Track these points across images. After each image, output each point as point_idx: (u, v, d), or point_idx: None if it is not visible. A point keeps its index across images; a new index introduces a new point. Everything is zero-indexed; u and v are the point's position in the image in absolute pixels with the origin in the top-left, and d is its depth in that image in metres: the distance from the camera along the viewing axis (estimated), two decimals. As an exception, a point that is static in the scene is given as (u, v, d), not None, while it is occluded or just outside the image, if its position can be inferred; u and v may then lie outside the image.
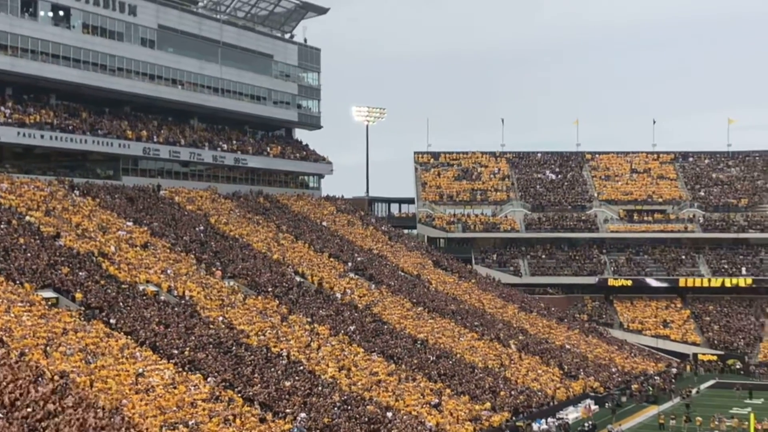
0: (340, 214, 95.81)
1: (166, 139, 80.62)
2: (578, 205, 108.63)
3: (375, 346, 62.12)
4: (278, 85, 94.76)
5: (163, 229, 67.84)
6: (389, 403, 52.75)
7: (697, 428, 59.18)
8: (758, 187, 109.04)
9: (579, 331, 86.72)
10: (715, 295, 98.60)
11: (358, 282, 76.34)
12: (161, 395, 43.51)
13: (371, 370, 57.53)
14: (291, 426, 45.08)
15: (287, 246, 77.93)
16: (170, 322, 52.79)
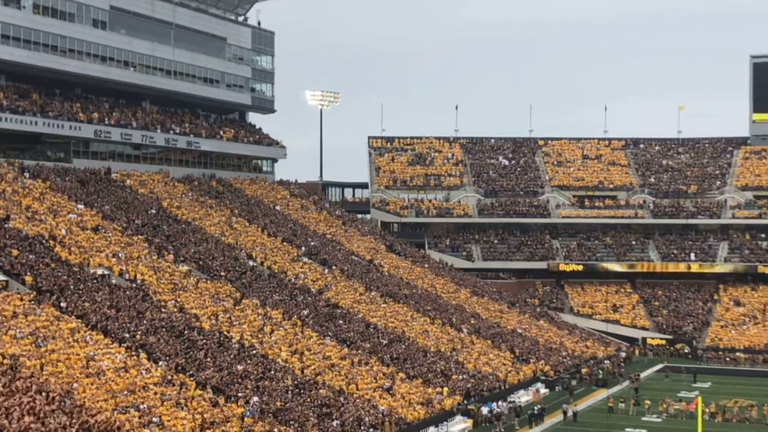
0: (293, 198, 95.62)
1: (118, 122, 79.86)
2: (531, 191, 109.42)
3: (328, 331, 62.23)
4: (231, 68, 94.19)
5: (115, 213, 67.27)
6: (342, 387, 52.93)
7: (645, 411, 60.07)
8: (707, 173, 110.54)
9: (530, 316, 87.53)
10: (664, 280, 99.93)
11: (312, 266, 76.32)
12: (112, 379, 43.29)
13: (324, 354, 57.65)
14: (243, 410, 45.08)
15: (240, 230, 77.65)
16: (121, 306, 52.44)
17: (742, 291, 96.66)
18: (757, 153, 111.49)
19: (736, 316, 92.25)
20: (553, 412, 60.00)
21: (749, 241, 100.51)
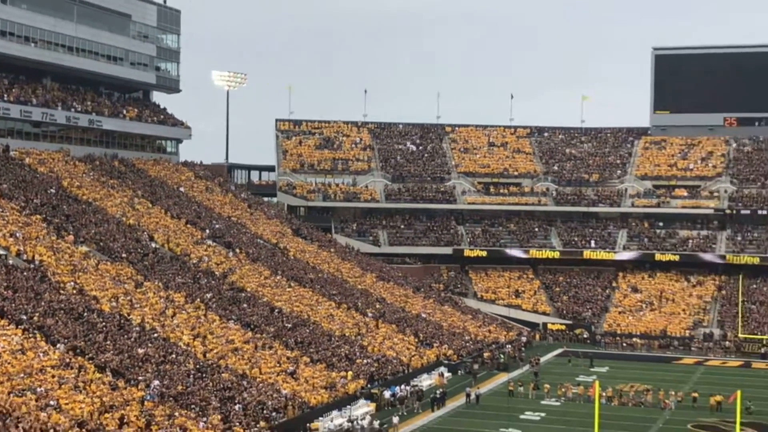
0: (198, 180, 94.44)
1: (17, 98, 77.72)
2: (437, 177, 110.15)
3: (232, 314, 61.77)
4: (136, 46, 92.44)
5: (13, 191, 65.53)
6: (245, 371, 52.64)
7: (544, 395, 61.12)
8: (609, 162, 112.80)
9: (435, 301, 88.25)
10: (565, 267, 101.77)
11: (216, 249, 75.58)
12: (8, 361, 42.28)
13: (227, 337, 57.21)
14: (144, 393, 44.47)
15: (143, 211, 76.40)
16: (19, 287, 51.20)
17: (640, 278, 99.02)
18: (657, 143, 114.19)
19: (634, 303, 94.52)
20: (456, 395, 60.67)
21: (647, 229, 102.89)
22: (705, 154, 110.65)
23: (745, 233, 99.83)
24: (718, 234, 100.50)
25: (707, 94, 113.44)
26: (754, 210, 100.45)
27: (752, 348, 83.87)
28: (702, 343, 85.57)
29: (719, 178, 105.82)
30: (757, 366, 78.05)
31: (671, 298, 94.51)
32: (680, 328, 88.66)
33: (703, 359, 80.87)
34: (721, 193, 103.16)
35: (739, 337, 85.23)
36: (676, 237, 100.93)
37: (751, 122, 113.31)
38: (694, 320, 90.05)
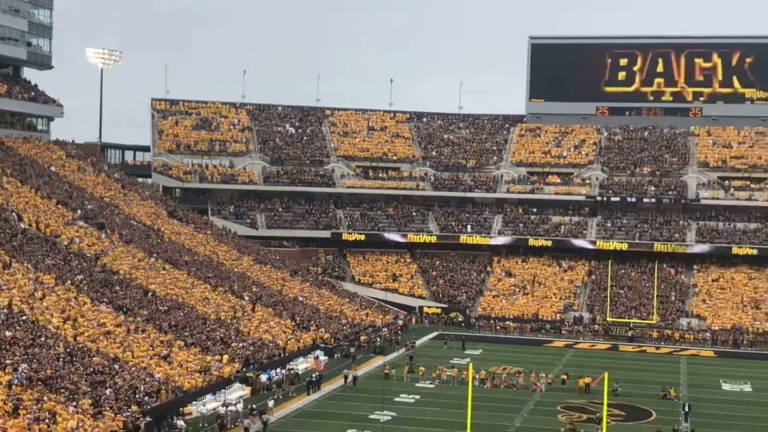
0: (70, 159, 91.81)
1: None
2: (316, 160, 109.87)
3: (104, 297, 60.34)
4: (6, 21, 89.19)
5: None
6: (117, 355, 51.54)
7: (419, 378, 61.77)
8: (485, 149, 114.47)
9: (312, 284, 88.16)
10: (441, 251, 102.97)
11: (88, 230, 73.67)
12: None
13: (99, 321, 55.87)
14: (11, 377, 43.08)
15: (11, 191, 73.84)
16: None
17: (514, 262, 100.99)
18: (532, 131, 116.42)
19: (507, 287, 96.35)
20: (332, 379, 60.79)
21: (522, 214, 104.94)
22: (578, 142, 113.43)
23: (614, 220, 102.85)
24: (589, 220, 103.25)
25: (581, 83, 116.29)
26: (623, 197, 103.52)
27: (620, 331, 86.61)
28: (572, 327, 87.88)
29: (591, 165, 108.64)
30: (624, 349, 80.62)
31: (543, 282, 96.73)
32: (551, 312, 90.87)
33: (573, 342, 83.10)
34: (593, 181, 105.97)
35: (608, 320, 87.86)
36: (549, 223, 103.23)
37: (622, 112, 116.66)
38: (564, 304, 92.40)
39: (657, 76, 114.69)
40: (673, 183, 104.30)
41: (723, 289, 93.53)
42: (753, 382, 65.58)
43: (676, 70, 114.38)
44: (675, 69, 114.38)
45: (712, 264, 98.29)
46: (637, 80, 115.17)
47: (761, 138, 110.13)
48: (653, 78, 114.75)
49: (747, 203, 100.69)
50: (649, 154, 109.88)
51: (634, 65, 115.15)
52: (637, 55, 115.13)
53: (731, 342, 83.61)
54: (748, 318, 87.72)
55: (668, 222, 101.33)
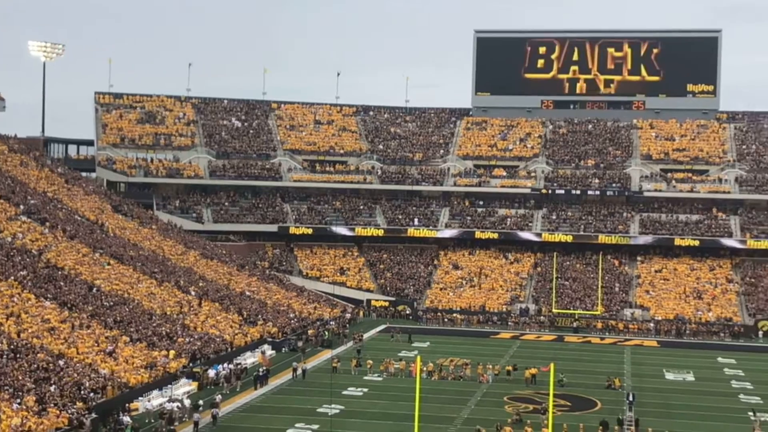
0: (12, 154, 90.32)
1: None
2: (263, 154, 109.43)
3: (47, 293, 59.56)
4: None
5: None
6: (61, 351, 50.94)
7: (367, 371, 61.89)
8: (432, 142, 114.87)
9: (259, 278, 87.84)
10: (389, 244, 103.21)
11: (31, 226, 72.59)
12: None
13: (43, 317, 55.15)
14: (-49, 376, 42.42)
15: (-49, 186, 72.61)
16: None
17: (461, 255, 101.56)
18: (478, 124, 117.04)
19: (454, 279, 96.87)
20: (279, 373, 60.70)
21: (468, 207, 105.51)
22: (523, 135, 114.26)
23: (559, 212, 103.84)
24: (535, 213, 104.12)
25: (526, 76, 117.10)
26: (568, 190, 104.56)
27: (565, 322, 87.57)
28: (518, 318, 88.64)
29: (536, 158, 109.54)
30: (570, 339, 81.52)
31: (490, 274, 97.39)
32: (498, 304, 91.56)
33: (519, 333, 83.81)
34: (538, 174, 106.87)
35: (553, 312, 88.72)
36: (495, 215, 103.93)
37: (567, 105, 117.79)
38: (511, 296, 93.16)
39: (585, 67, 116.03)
40: (617, 175, 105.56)
41: (666, 280, 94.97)
42: (695, 371, 66.71)
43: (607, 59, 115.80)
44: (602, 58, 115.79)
45: (655, 255, 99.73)
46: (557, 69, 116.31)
47: (703, 131, 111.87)
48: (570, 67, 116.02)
49: (689, 195, 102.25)
50: (593, 147, 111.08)
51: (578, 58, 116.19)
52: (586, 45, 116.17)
53: (674, 332, 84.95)
54: (691, 308, 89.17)
55: (612, 214, 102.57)
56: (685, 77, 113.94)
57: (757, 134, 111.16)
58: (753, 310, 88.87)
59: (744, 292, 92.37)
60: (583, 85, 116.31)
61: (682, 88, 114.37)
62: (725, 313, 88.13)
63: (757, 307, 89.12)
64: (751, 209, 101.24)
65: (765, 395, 58.29)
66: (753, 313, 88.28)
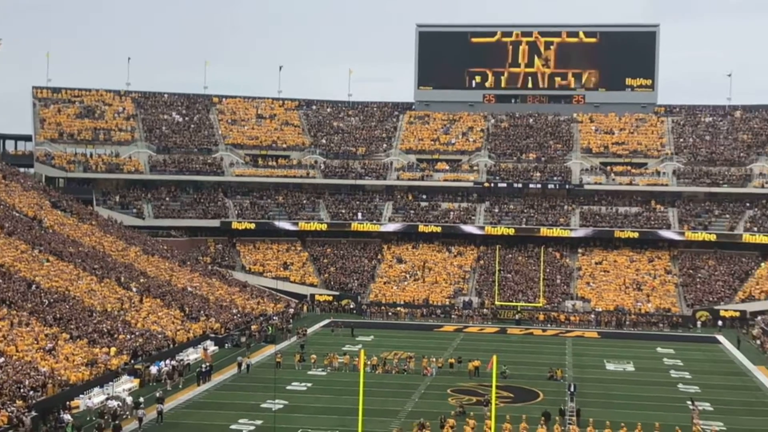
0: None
1: None
2: (204, 149, 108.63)
3: (-16, 290, 58.58)
4: None
5: None
6: (0, 349, 50.10)
7: (311, 365, 61.81)
8: (375, 136, 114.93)
9: (201, 274, 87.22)
10: (333, 239, 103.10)
11: (-33, 222, 71.35)
12: None
13: (-20, 315, 54.24)
14: None
15: None
16: None
17: (404, 249, 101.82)
18: (421, 118, 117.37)
19: (398, 273, 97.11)
20: (221, 369, 60.40)
21: (412, 201, 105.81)
22: (465, 129, 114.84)
23: (501, 205, 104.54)
24: (478, 206, 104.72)
25: (467, 70, 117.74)
26: (510, 183, 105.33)
27: (507, 314, 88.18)
28: (461, 311, 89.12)
29: (478, 152, 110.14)
30: (512, 332, 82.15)
31: (433, 268, 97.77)
32: (442, 297, 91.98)
33: (462, 326, 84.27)
34: (481, 167, 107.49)
35: (496, 304, 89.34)
36: (438, 209, 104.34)
37: (508, 99, 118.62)
38: (454, 289, 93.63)
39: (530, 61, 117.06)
40: (558, 169, 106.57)
41: (606, 272, 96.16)
42: (635, 361, 67.63)
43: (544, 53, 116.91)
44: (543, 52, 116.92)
45: (595, 247, 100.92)
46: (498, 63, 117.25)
47: (641, 124, 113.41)
48: (511, 61, 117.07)
49: (628, 188, 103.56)
50: (534, 140, 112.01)
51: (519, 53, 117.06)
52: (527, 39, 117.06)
53: (614, 323, 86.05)
54: (630, 299, 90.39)
55: (553, 207, 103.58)
56: (624, 71, 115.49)
57: (694, 128, 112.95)
58: (691, 300, 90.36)
59: (682, 283, 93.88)
60: (524, 79, 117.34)
61: (621, 83, 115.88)
62: (664, 303, 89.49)
63: (695, 297, 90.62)
64: (688, 201, 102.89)
65: (703, 384, 59.37)
66: (691, 304, 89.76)
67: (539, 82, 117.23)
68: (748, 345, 76.04)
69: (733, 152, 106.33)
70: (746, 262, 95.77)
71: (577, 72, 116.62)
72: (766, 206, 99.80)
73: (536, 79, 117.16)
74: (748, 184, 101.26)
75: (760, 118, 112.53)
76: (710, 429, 46.18)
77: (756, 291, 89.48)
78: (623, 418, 47.01)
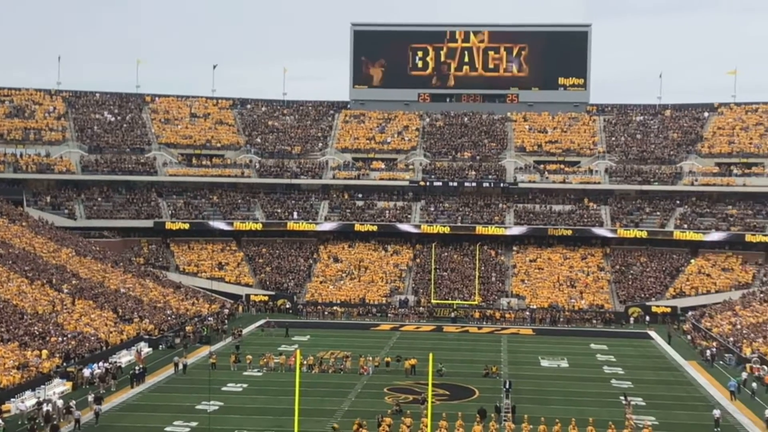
0: None
1: None
2: (137, 148, 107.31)
3: None
4: None
5: None
6: (-75, 354, 49.01)
7: (247, 366, 61.44)
8: (310, 135, 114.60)
9: (135, 275, 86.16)
10: (268, 238, 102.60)
11: None
12: None
13: None
14: None
15: None
16: None
17: (341, 248, 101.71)
18: (357, 117, 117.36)
19: (335, 272, 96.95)
20: (156, 371, 59.76)
21: (348, 200, 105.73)
22: (401, 128, 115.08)
23: (437, 204, 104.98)
24: (413, 205, 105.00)
25: (402, 69, 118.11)
26: (445, 182, 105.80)
27: (443, 312, 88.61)
28: (398, 310, 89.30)
29: (414, 151, 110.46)
30: (448, 329, 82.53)
31: (370, 266, 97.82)
32: (378, 296, 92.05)
33: (399, 325, 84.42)
34: (416, 166, 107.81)
35: (432, 302, 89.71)
36: (374, 208, 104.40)
37: (443, 98, 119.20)
38: (390, 288, 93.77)
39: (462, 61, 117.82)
40: (493, 167, 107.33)
41: (540, 269, 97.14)
42: (569, 357, 68.43)
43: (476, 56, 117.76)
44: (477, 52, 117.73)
45: (530, 245, 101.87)
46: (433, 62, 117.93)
47: (574, 123, 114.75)
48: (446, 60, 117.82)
49: (561, 186, 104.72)
50: (469, 139, 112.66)
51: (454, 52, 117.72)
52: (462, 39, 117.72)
53: (549, 320, 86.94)
54: (564, 296, 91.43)
55: (488, 205, 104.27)
56: (557, 71, 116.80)
57: (625, 126, 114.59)
58: (623, 297, 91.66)
59: (614, 279, 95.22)
60: (459, 78, 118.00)
61: (554, 82, 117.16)
62: (597, 300, 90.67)
63: (627, 294, 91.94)
64: (620, 199, 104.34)
65: (636, 379, 60.27)
66: (623, 300, 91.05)
67: (474, 81, 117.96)
68: (678, 340, 77.38)
69: (663, 150, 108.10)
70: (677, 259, 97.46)
71: (510, 71, 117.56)
72: (696, 203, 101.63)
73: (471, 78, 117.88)
74: (678, 182, 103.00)
75: (690, 116, 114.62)
76: (643, 423, 46.86)
77: (686, 287, 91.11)
78: (558, 414, 47.49)
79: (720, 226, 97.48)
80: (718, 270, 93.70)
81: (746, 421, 49.96)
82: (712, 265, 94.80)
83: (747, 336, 69.38)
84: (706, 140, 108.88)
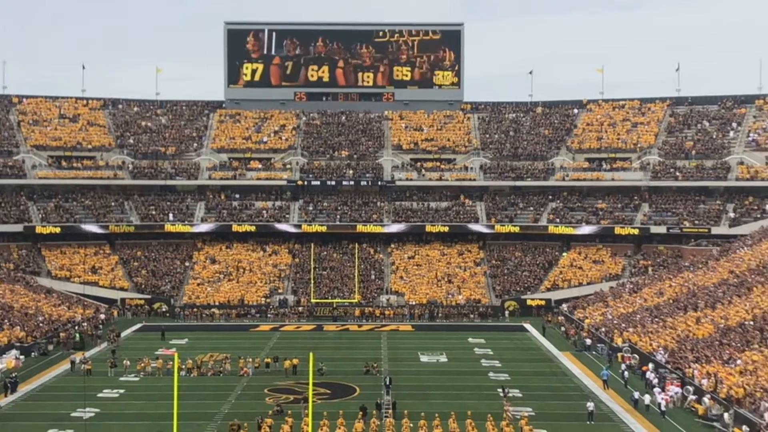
0: None
1: None
2: (5, 151, 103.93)
3: None
4: None
5: None
6: None
7: (123, 371, 60.23)
8: (185, 135, 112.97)
9: (4, 281, 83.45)
10: (143, 241, 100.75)
11: None
12: None
13: None
14: None
15: None
16: None
17: (218, 249, 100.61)
18: (232, 116, 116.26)
19: (212, 274, 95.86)
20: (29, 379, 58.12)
21: (224, 201, 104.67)
22: (278, 127, 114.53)
23: (316, 203, 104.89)
24: (292, 204, 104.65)
25: (277, 68, 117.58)
26: (323, 181, 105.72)
27: (323, 311, 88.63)
28: (278, 310, 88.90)
29: (291, 150, 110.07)
30: (328, 328, 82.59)
31: (248, 267, 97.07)
32: (257, 297, 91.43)
33: (278, 325, 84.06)
34: (294, 165, 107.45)
35: (312, 302, 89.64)
36: (252, 208, 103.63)
37: (320, 97, 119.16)
38: (270, 288, 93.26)
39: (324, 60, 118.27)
40: (370, 165, 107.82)
41: (419, 266, 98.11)
42: (448, 352, 69.31)
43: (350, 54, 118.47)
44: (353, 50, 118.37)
45: (408, 242, 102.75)
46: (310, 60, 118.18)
47: (449, 121, 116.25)
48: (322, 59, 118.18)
49: (438, 183, 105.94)
50: (346, 138, 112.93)
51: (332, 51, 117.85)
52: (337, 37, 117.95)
53: (427, 315, 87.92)
54: (442, 292, 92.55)
55: (367, 203, 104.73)
56: (432, 70, 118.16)
57: (498, 124, 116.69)
58: (499, 291, 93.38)
59: (491, 274, 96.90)
60: (335, 76, 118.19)
61: (430, 81, 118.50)
62: (474, 295, 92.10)
63: (503, 288, 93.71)
64: (494, 195, 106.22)
65: (512, 372, 61.50)
66: (499, 294, 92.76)
67: (350, 79, 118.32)
68: (553, 332, 79.29)
69: (535, 147, 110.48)
70: (550, 252, 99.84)
71: (386, 70, 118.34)
72: (568, 198, 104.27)
73: (347, 76, 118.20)
74: (550, 178, 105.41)
75: (560, 113, 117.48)
76: (520, 415, 47.84)
77: (559, 280, 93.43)
78: (438, 408, 48.12)
79: (590, 219, 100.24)
80: (590, 262, 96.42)
81: (618, 409, 51.57)
82: (583, 258, 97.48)
83: (618, 326, 71.56)
84: (576, 136, 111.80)
